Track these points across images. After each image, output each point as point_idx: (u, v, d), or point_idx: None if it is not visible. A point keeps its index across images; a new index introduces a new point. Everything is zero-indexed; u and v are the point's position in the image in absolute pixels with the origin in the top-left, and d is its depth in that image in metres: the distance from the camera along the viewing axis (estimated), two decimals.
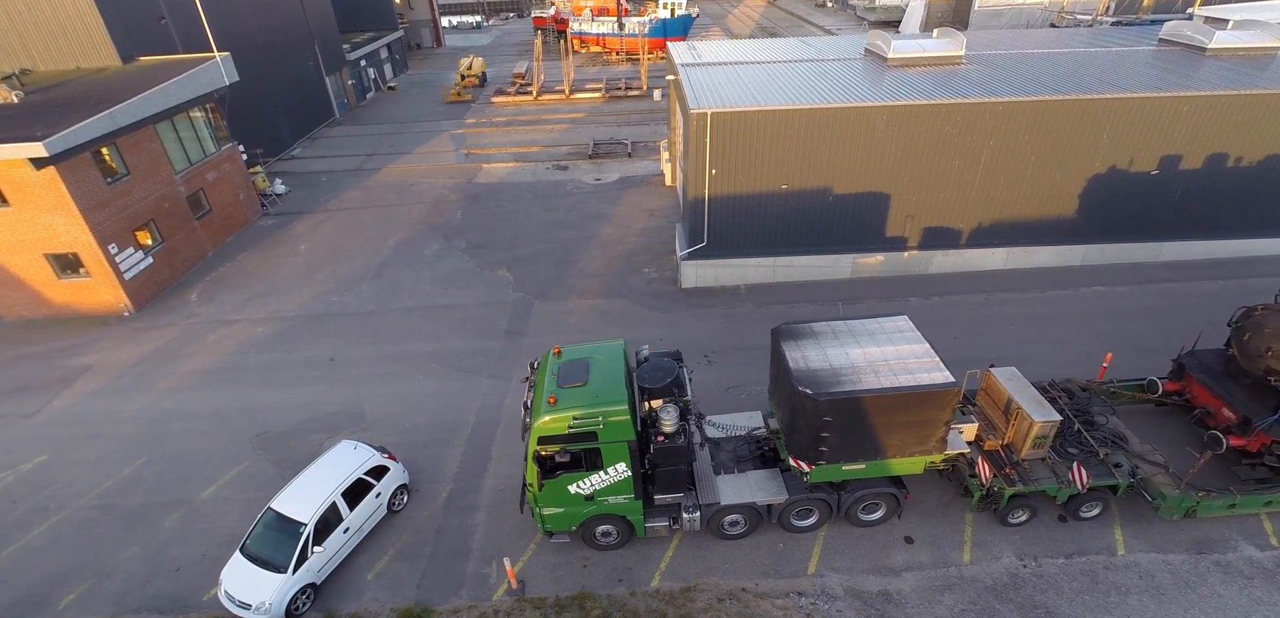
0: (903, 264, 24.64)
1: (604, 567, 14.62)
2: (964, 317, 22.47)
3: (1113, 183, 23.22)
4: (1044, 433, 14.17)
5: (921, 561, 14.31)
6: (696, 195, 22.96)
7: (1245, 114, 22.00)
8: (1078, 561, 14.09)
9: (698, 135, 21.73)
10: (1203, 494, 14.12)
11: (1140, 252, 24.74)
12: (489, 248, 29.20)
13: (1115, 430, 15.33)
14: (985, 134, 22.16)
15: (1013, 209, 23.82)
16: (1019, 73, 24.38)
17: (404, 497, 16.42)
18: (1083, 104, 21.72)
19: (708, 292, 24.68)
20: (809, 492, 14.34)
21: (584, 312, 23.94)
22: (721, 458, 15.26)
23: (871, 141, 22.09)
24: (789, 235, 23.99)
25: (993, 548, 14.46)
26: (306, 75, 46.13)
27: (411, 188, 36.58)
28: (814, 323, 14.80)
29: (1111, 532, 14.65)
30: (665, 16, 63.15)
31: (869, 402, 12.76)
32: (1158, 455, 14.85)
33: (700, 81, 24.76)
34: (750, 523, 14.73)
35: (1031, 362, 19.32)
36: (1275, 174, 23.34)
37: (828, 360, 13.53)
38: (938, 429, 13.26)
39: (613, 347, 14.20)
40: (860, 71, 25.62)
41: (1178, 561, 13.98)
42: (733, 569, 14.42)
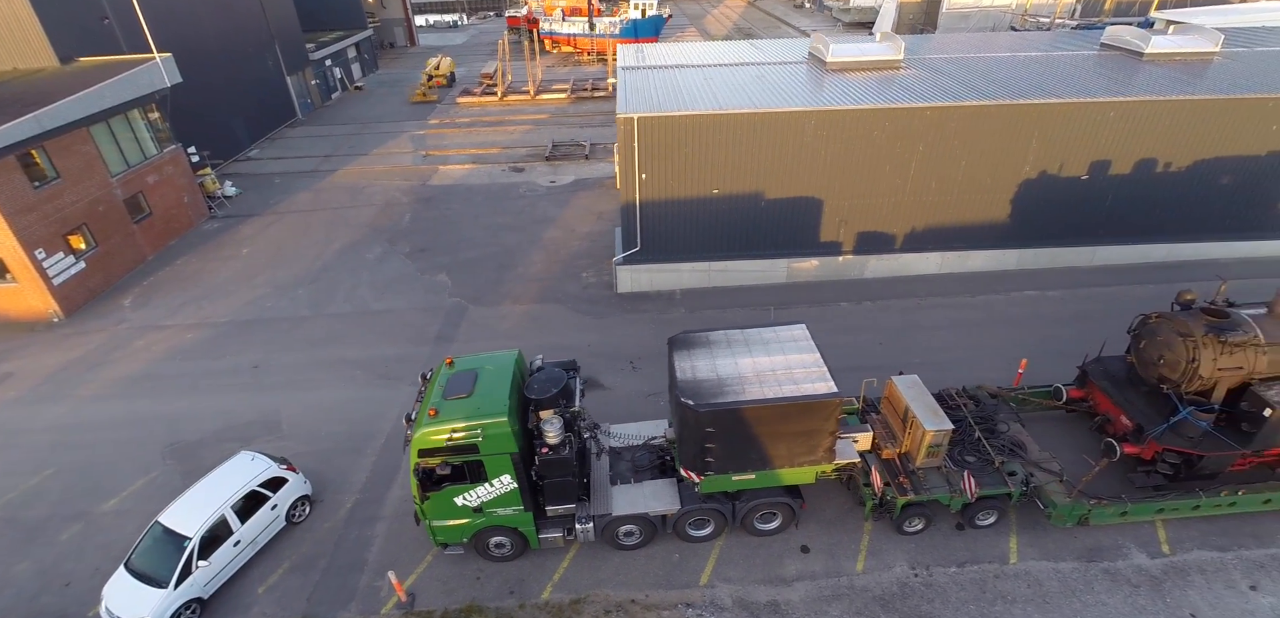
0: (838, 269, 24.61)
1: (497, 579, 14.50)
2: (893, 322, 22.46)
3: (1044, 188, 23.27)
4: (937, 442, 14.13)
5: (815, 570, 14.26)
6: (628, 200, 22.85)
7: (1173, 120, 22.09)
8: (969, 569, 14.07)
9: (626, 140, 21.62)
10: (1094, 502, 14.11)
11: (1074, 256, 24.81)
12: (432, 251, 29.00)
13: (1014, 439, 15.32)
14: (915, 139, 22.15)
15: (946, 214, 23.83)
16: (955, 78, 24.38)
17: (306, 508, 16.24)
18: (1011, 109, 21.75)
19: (643, 297, 24.59)
20: (702, 502, 14.25)
21: (516, 317, 23.79)
22: (620, 468, 15.16)
23: (801, 146, 22.04)
24: (723, 240, 23.92)
25: (887, 557, 14.43)
26: (266, 76, 45.74)
27: (364, 190, 36.31)
28: (711, 332, 14.72)
29: (1007, 540, 14.64)
30: (636, 17, 62.99)
31: (751, 412, 12.69)
32: (1054, 463, 14.85)
33: (635, 85, 24.66)
34: (646, 534, 14.64)
35: (954, 367, 19.43)
36: (1205, 179, 23.45)
37: (716, 370, 13.44)
38: (824, 439, 13.19)
39: (505, 357, 14.07)
40: (799, 76, 25.57)
41: (1068, 569, 13.98)
42: (626, 580, 14.32)
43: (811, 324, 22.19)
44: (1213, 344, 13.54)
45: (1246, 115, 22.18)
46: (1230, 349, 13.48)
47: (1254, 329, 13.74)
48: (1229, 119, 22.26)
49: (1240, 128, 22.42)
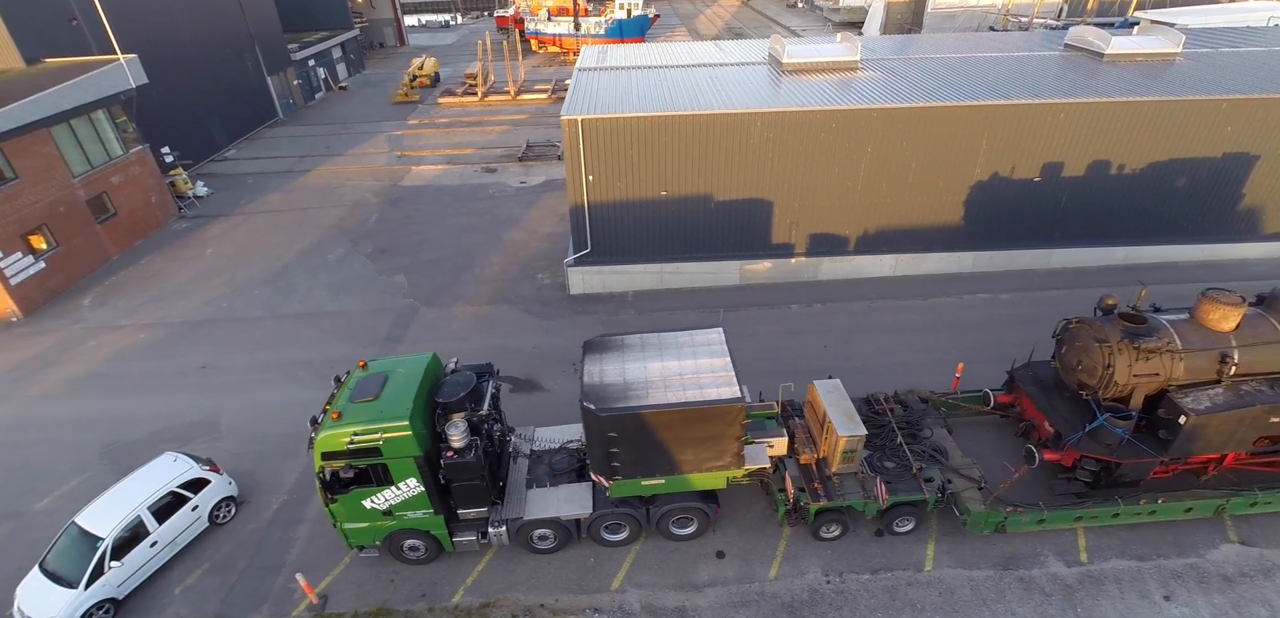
0: (791, 271, 24.49)
1: (411, 582, 14.49)
2: (841, 324, 22.33)
3: (996, 190, 23.08)
4: (851, 447, 14.03)
5: (727, 576, 14.18)
6: (576, 202, 22.81)
7: (1124, 121, 21.88)
8: (883, 576, 13.96)
9: (571, 142, 21.58)
10: (1010, 510, 13.98)
11: (1030, 259, 24.60)
12: (393, 252, 29.04)
13: (936, 444, 15.19)
14: (863, 141, 22.00)
15: (899, 216, 23.67)
16: (910, 80, 24.22)
17: (231, 509, 16.28)
18: (959, 111, 21.58)
19: (595, 298, 24.54)
20: (615, 506, 14.19)
21: (466, 318, 23.79)
22: (538, 472, 15.12)
23: (748, 148, 21.94)
24: (675, 242, 23.84)
25: (802, 564, 14.34)
26: (245, 76, 45.93)
27: (335, 190, 36.40)
28: (627, 336, 14.66)
29: (925, 547, 14.52)
30: (622, 17, 62.92)
31: (653, 417, 12.62)
32: (975, 470, 14.72)
33: (587, 86, 24.60)
34: (561, 538, 14.59)
35: (896, 370, 19.33)
36: (1160, 181, 23.20)
37: (624, 374, 13.38)
38: (730, 444, 13.12)
39: (417, 361, 14.06)
40: (755, 77, 25.43)
41: (982, 577, 13.85)
42: (540, 584, 14.29)
43: (761, 326, 22.46)
44: (1128, 350, 13.38)
45: (1199, 117, 21.93)
46: (1145, 355, 13.30)
47: (1172, 336, 13.57)
48: (1182, 121, 22.02)
49: (1193, 130, 22.17)
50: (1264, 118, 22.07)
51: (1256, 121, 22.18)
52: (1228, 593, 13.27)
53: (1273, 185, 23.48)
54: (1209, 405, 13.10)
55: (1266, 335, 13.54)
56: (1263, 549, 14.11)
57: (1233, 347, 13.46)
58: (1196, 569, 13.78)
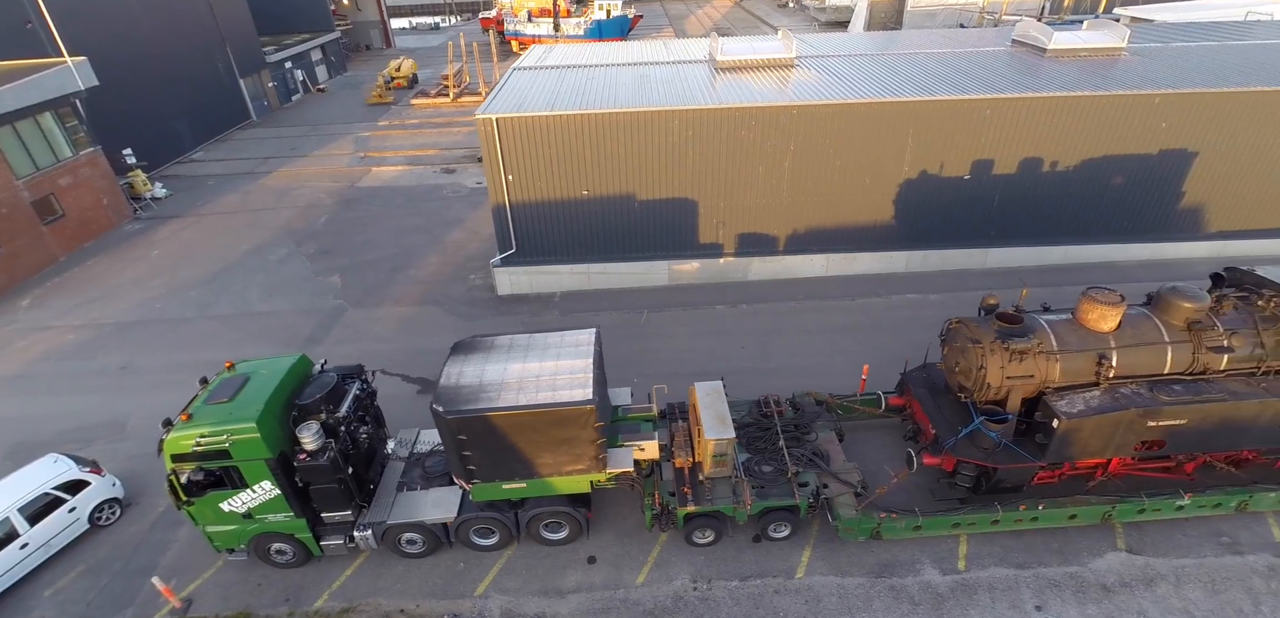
0: (720, 271, 24.13)
1: (278, 586, 14.32)
2: (763, 326, 21.95)
3: (925, 188, 22.62)
4: (721, 451, 13.67)
5: (594, 582, 13.88)
6: (497, 202, 22.59)
7: (1054, 117, 21.37)
8: (752, 583, 13.60)
9: (486, 141, 21.35)
10: (884, 516, 13.58)
11: (964, 258, 24.08)
12: (334, 253, 28.98)
13: (818, 448, 14.80)
14: (785, 138, 21.63)
15: (829, 215, 23.26)
16: (842, 76, 23.81)
17: (116, 511, 16.18)
18: (880, 107, 21.16)
19: (523, 299, 24.32)
20: (483, 510, 13.95)
21: (391, 319, 23.65)
22: (412, 475, 14.90)
23: (668, 147, 21.63)
24: (601, 242, 23.57)
25: (673, 570, 14.01)
26: (215, 78, 46.19)
27: (292, 192, 36.45)
28: (497, 337, 14.43)
29: (800, 554, 14.14)
30: (601, 18, 62.73)
31: (500, 419, 12.37)
32: (855, 475, 14.32)
33: (516, 85, 24.41)
34: (429, 542, 14.36)
35: (810, 371, 19.00)
36: (1096, 179, 22.64)
37: (482, 376, 13.13)
38: (585, 447, 12.84)
39: (281, 362, 13.90)
40: (690, 75, 25.07)
41: (853, 584, 13.46)
42: (405, 589, 14.07)
43: (682, 327, 22.15)
44: (1001, 351, 12.94)
45: (1132, 112, 21.36)
46: (1017, 356, 12.85)
47: (1048, 337, 13.12)
48: (1114, 117, 21.46)
49: (1127, 126, 21.59)
50: (1200, 113, 21.46)
51: (1192, 117, 21.57)
52: (1103, 603, 12.79)
53: (1213, 183, 22.82)
54: (1083, 409, 12.64)
55: (1147, 336, 13.05)
56: (1149, 558, 13.61)
57: (1111, 348, 12.98)
58: (1076, 578, 13.30)
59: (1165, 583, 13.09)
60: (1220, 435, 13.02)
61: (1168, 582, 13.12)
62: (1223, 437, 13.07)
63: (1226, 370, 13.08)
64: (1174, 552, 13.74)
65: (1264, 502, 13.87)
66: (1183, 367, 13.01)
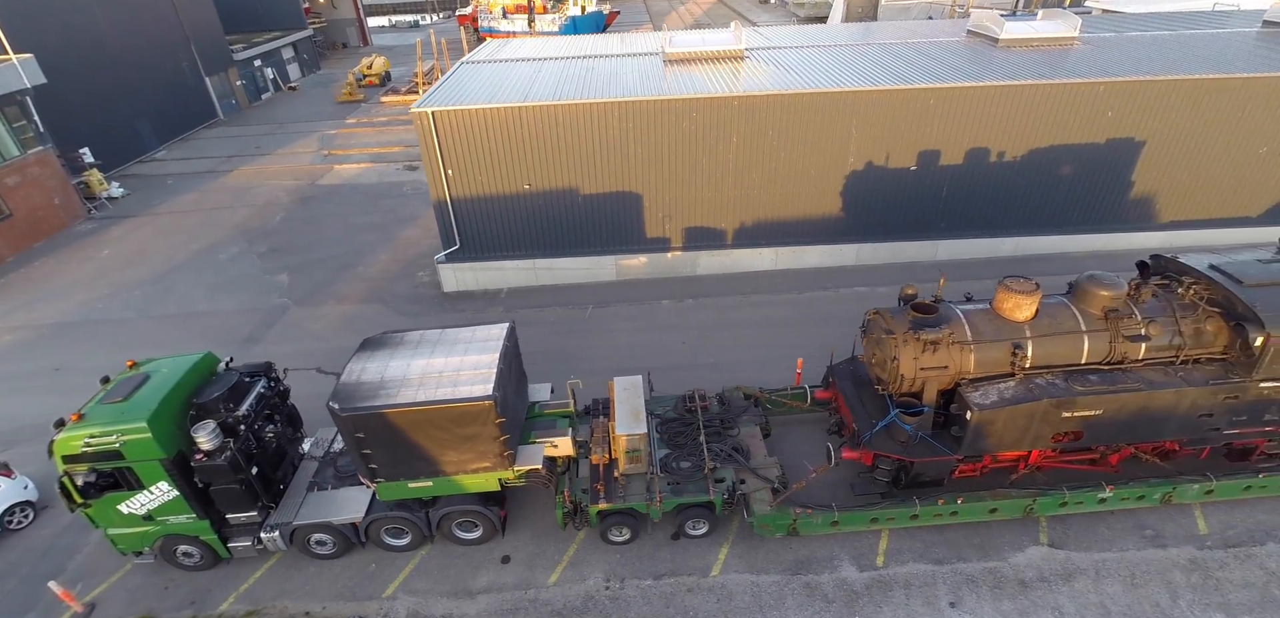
0: (668, 266, 23.83)
1: (185, 589, 13.98)
2: (708, 320, 21.67)
3: (872, 180, 22.36)
4: (633, 447, 13.39)
5: (506, 582, 13.57)
6: (438, 197, 22.22)
7: (999, 107, 21.16)
8: (665, 582, 13.31)
9: (423, 135, 20.99)
10: (800, 512, 13.30)
11: (914, 251, 23.84)
12: (285, 251, 28.58)
13: (739, 444, 14.51)
14: (728, 130, 21.33)
15: (776, 208, 22.98)
16: (789, 67, 23.52)
17: (28, 514, 15.79)
18: (822, 97, 20.88)
19: (468, 296, 23.97)
20: (392, 510, 13.61)
21: (333, 318, 23.27)
22: (325, 474, 14.56)
23: (609, 139, 21.31)
24: (546, 237, 23.23)
25: (587, 569, 13.71)
26: (179, 77, 45.66)
27: (251, 190, 36.01)
28: (408, 333, 14.11)
29: (718, 551, 13.85)
30: (576, 13, 62.33)
31: (397, 417, 12.04)
32: (774, 471, 14.03)
33: (461, 78, 24.08)
34: (341, 543, 14.02)
35: (748, 366, 18.76)
36: (1044, 169, 22.43)
37: (385, 373, 12.80)
38: (488, 444, 12.52)
39: (183, 361, 13.55)
40: (639, 68, 24.73)
41: (768, 582, 13.18)
42: (314, 591, 13.73)
43: (625, 323, 21.85)
44: (913, 342, 12.67)
45: (1077, 101, 21.13)
46: (931, 347, 12.58)
47: (963, 327, 12.85)
48: (1060, 106, 21.24)
49: (1072, 115, 21.38)
50: (1145, 101, 21.25)
51: (1139, 105, 21.36)
52: (1018, 599, 12.55)
53: (1162, 172, 22.63)
54: (996, 400, 12.39)
55: (1064, 325, 12.81)
56: (1070, 552, 13.37)
57: (1026, 338, 12.73)
58: (994, 574, 13.05)
59: (1084, 578, 12.85)
60: (1138, 426, 12.79)
61: (1087, 576, 12.88)
62: (1141, 428, 12.83)
63: (1145, 360, 12.84)
64: (1096, 546, 13.50)
65: (1188, 493, 13.64)
66: (1100, 356, 12.77)
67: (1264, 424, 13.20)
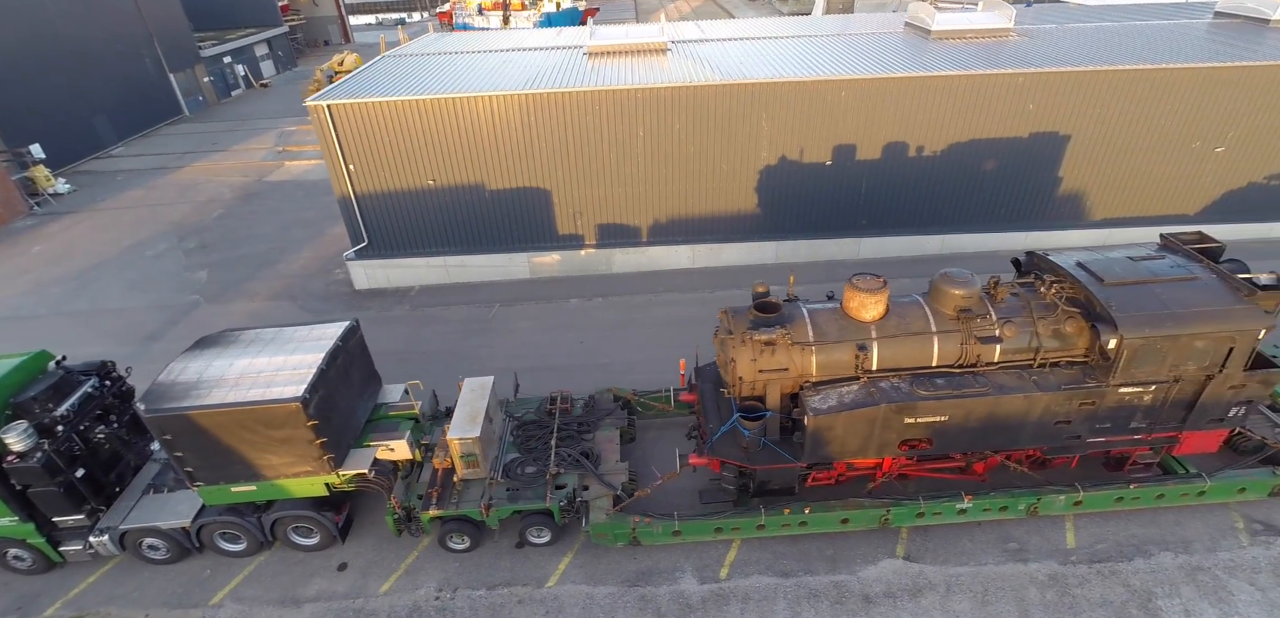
0: (582, 263, 23.24)
1: (14, 593, 13.62)
2: (613, 319, 21.08)
3: (787, 175, 21.67)
4: (466, 451, 12.83)
5: (337, 590, 13.07)
6: (342, 193, 21.77)
7: (916, 99, 20.44)
8: (499, 592, 12.76)
9: (321, 130, 20.54)
10: (639, 521, 12.69)
11: (836, 248, 23.11)
12: (213, 248, 28.29)
13: (590, 448, 13.91)
14: (633, 124, 20.73)
15: (691, 204, 22.34)
16: (706, 60, 22.85)
17: None
18: (729, 89, 20.25)
19: (379, 294, 23.52)
20: (221, 514, 13.14)
21: (238, 316, 22.87)
22: (166, 477, 14.10)
23: (509, 133, 20.78)
24: (456, 234, 22.75)
25: (422, 577, 13.19)
26: (141, 73, 45.59)
27: (197, 187, 35.80)
28: (244, 331, 13.67)
29: (559, 561, 13.27)
30: (551, 10, 61.79)
31: (203, 418, 11.57)
32: (623, 476, 13.43)
33: (377, 71, 23.67)
34: (174, 548, 13.58)
35: (639, 366, 18.24)
36: (967, 164, 21.64)
37: (205, 372, 12.35)
38: (305, 448, 12.02)
39: (8, 360, 13.12)
40: (559, 61, 24.12)
41: (604, 594, 12.58)
42: (141, 598, 13.32)
43: (526, 322, 21.31)
44: (751, 343, 12.01)
45: (995, 93, 20.33)
46: (768, 348, 11.92)
47: (805, 327, 12.18)
48: (977, 99, 20.44)
49: (991, 108, 20.59)
50: (1068, 93, 20.43)
51: (1061, 98, 20.53)
52: (859, 615, 11.86)
53: (1092, 167, 21.78)
54: (835, 404, 11.71)
55: (913, 326, 12.10)
56: (924, 566, 12.66)
57: (872, 339, 12.03)
58: (840, 588, 12.37)
59: (933, 594, 12.14)
60: (990, 433, 12.06)
61: (937, 592, 12.17)
62: (994, 435, 12.10)
63: (1001, 363, 12.10)
64: (955, 559, 12.79)
65: (1054, 505, 12.90)
66: (953, 359, 12.06)
67: (1130, 432, 12.41)
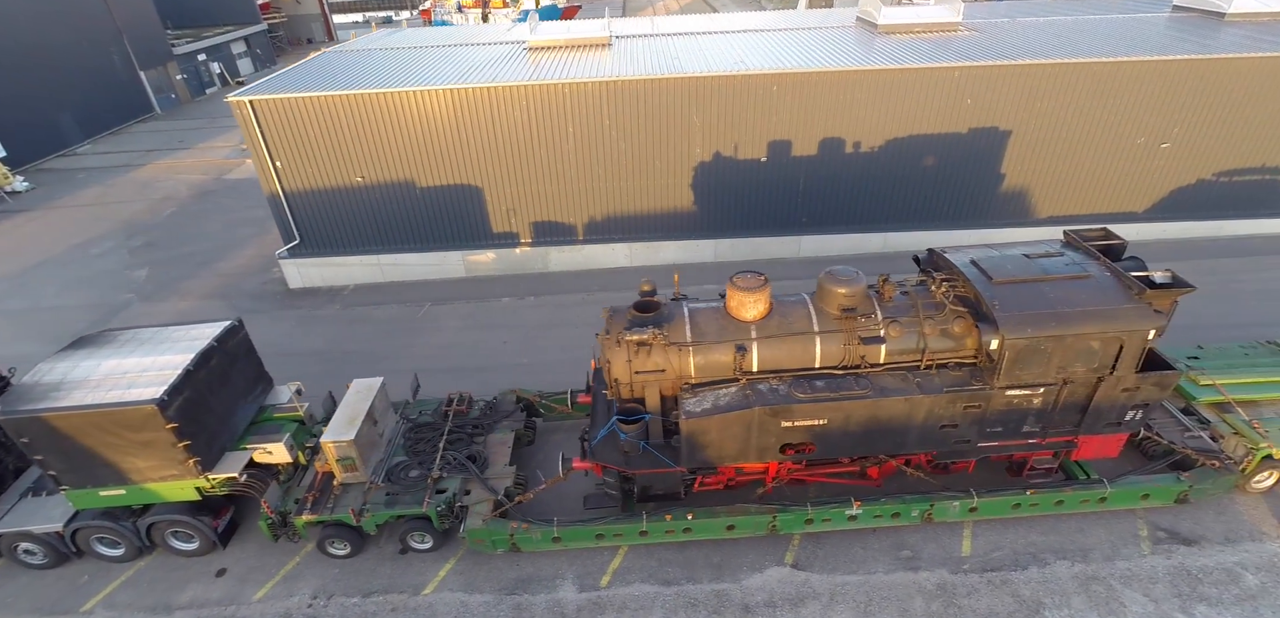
0: (518, 261, 22.88)
1: None
2: (543, 318, 20.72)
3: (723, 171, 21.27)
4: (343, 455, 12.47)
5: (211, 597, 12.74)
6: (270, 191, 21.46)
7: (850, 94, 20.04)
8: (373, 600, 12.40)
9: (245, 126, 20.23)
10: (517, 526, 12.31)
11: (777, 247, 22.69)
12: (158, 246, 28.05)
13: (477, 452, 13.54)
14: (563, 120, 20.36)
15: (625, 201, 21.96)
16: (639, 56, 22.44)
17: None
18: (658, 84, 19.88)
19: (313, 292, 23.22)
20: (94, 518, 12.82)
21: (168, 315, 22.59)
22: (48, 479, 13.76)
23: (437, 129, 20.43)
24: (389, 232, 22.42)
25: (299, 584, 12.85)
26: (110, 71, 45.41)
27: (155, 185, 35.59)
28: (122, 331, 13.36)
29: (440, 568, 12.91)
30: (530, 6, 61.39)
31: (59, 421, 11.26)
32: (508, 481, 13.05)
33: (316, 66, 23.35)
34: (51, 553, 13.27)
35: (554, 367, 17.92)
36: (907, 161, 21.20)
37: (72, 373, 12.05)
38: (168, 451, 11.69)
39: None
40: (491, 56, 23.76)
41: (479, 602, 12.22)
42: (16, 604, 13.02)
43: (460, 320, 21.01)
44: (625, 344, 11.61)
45: (932, 88, 19.88)
46: (643, 349, 11.52)
47: (683, 326, 11.77)
48: (914, 93, 20.01)
49: (928, 103, 20.17)
50: (1006, 88, 19.98)
51: (999, 93, 20.08)
52: None
53: (1035, 163, 21.32)
54: (710, 407, 11.29)
55: (795, 326, 11.68)
56: (811, 574, 12.25)
57: (752, 339, 11.61)
58: (721, 597, 11.97)
59: (815, 603, 11.73)
60: (875, 437, 11.63)
61: (819, 601, 11.77)
62: (878, 439, 11.68)
63: (888, 364, 11.67)
64: (844, 568, 12.37)
65: (949, 512, 12.47)
66: (836, 360, 11.62)
67: (1023, 437, 11.97)
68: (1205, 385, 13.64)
